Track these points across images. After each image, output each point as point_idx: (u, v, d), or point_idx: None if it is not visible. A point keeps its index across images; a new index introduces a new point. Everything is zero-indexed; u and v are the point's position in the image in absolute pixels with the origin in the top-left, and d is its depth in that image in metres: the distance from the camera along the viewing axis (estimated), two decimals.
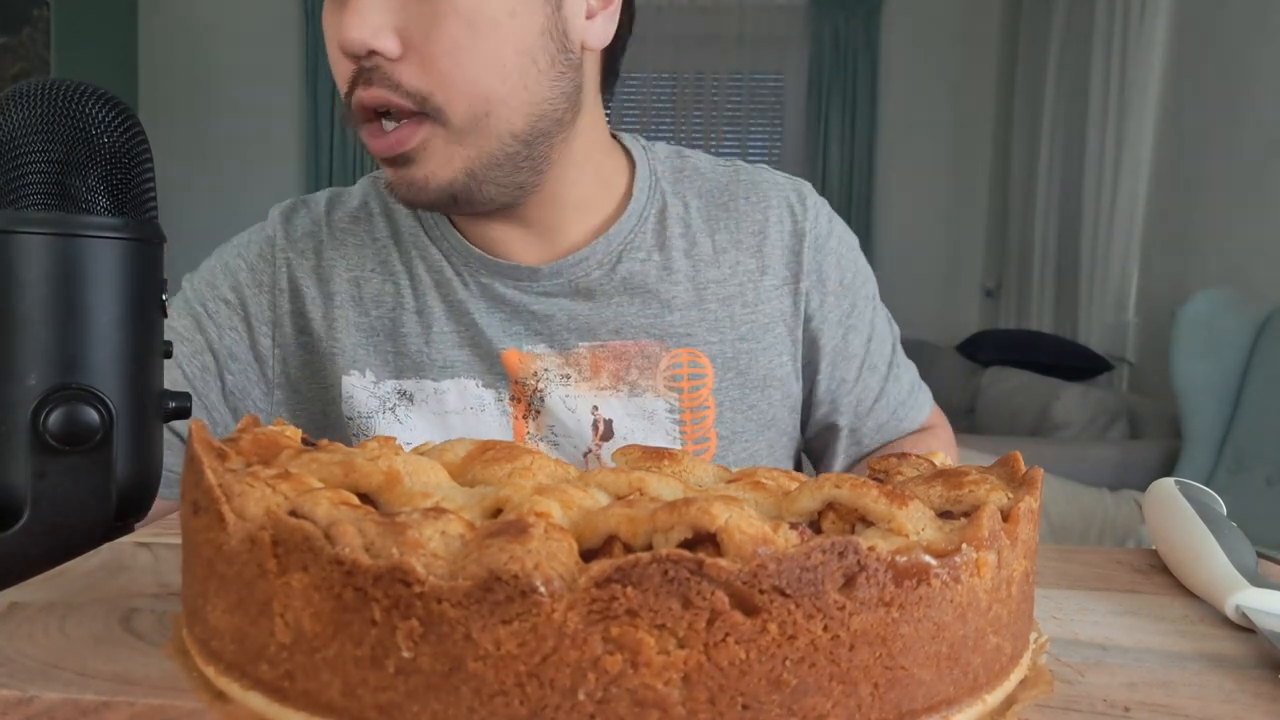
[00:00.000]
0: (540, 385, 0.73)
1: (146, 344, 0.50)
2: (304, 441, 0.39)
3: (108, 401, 0.47)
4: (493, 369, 0.72)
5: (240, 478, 0.31)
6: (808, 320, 0.77)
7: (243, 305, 0.75)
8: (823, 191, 0.87)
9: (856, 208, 4.10)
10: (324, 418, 0.75)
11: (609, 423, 0.73)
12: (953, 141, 4.21)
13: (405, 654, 0.25)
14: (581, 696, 0.25)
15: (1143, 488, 0.77)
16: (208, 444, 0.33)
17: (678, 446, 0.73)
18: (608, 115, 0.76)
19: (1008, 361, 3.19)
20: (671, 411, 0.73)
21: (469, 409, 0.72)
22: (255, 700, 0.28)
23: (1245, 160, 2.61)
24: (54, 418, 0.46)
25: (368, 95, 0.61)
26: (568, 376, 0.73)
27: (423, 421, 0.73)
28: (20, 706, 0.28)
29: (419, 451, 0.40)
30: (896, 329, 0.86)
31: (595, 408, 0.73)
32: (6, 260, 0.46)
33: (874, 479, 0.37)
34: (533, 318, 0.73)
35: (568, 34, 0.66)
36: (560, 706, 0.25)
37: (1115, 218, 3.11)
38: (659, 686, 0.25)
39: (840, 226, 0.81)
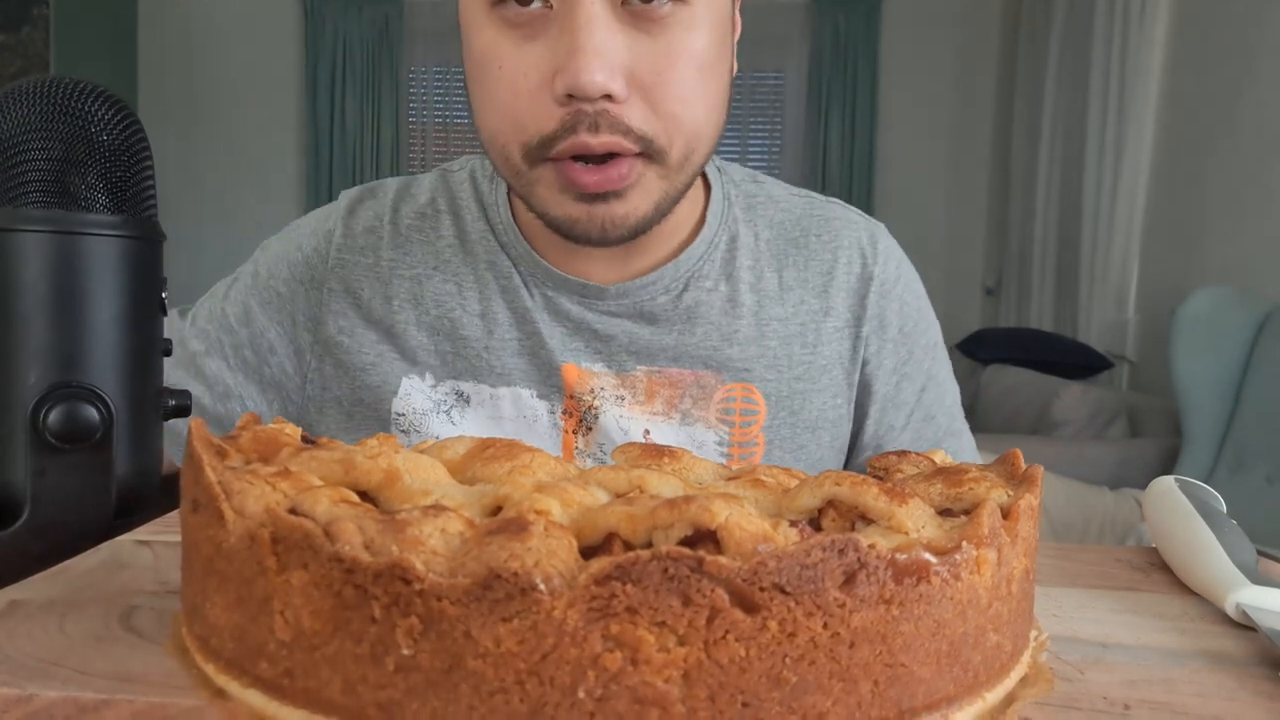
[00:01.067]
0: (595, 403, 0.72)
1: (146, 342, 0.50)
2: (303, 439, 0.39)
3: (107, 400, 0.47)
4: (549, 380, 0.72)
5: (240, 475, 0.31)
6: (864, 364, 0.77)
7: (291, 299, 0.75)
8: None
9: (856, 207, 4.09)
10: (348, 419, 0.75)
11: None
12: (953, 141, 4.21)
13: (405, 651, 0.25)
14: (581, 694, 0.25)
15: (1143, 486, 0.77)
16: (207, 441, 0.33)
17: None
18: None
19: (1008, 360, 3.19)
20: (720, 444, 0.73)
21: (522, 417, 0.72)
22: (255, 698, 0.28)
23: (1245, 160, 2.61)
24: (54, 416, 0.46)
25: (598, 142, 0.59)
26: (622, 398, 0.72)
27: (475, 426, 0.72)
28: (20, 704, 0.28)
29: (419, 449, 0.40)
30: (957, 388, 0.83)
31: (647, 431, 0.72)
32: (6, 259, 0.46)
33: (874, 476, 0.37)
34: (594, 336, 0.72)
35: (732, 66, 0.67)
36: (560, 704, 0.25)
37: (1115, 217, 3.11)
38: (659, 684, 0.25)
39: (909, 273, 0.81)
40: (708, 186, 0.76)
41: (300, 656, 0.27)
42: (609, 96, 0.58)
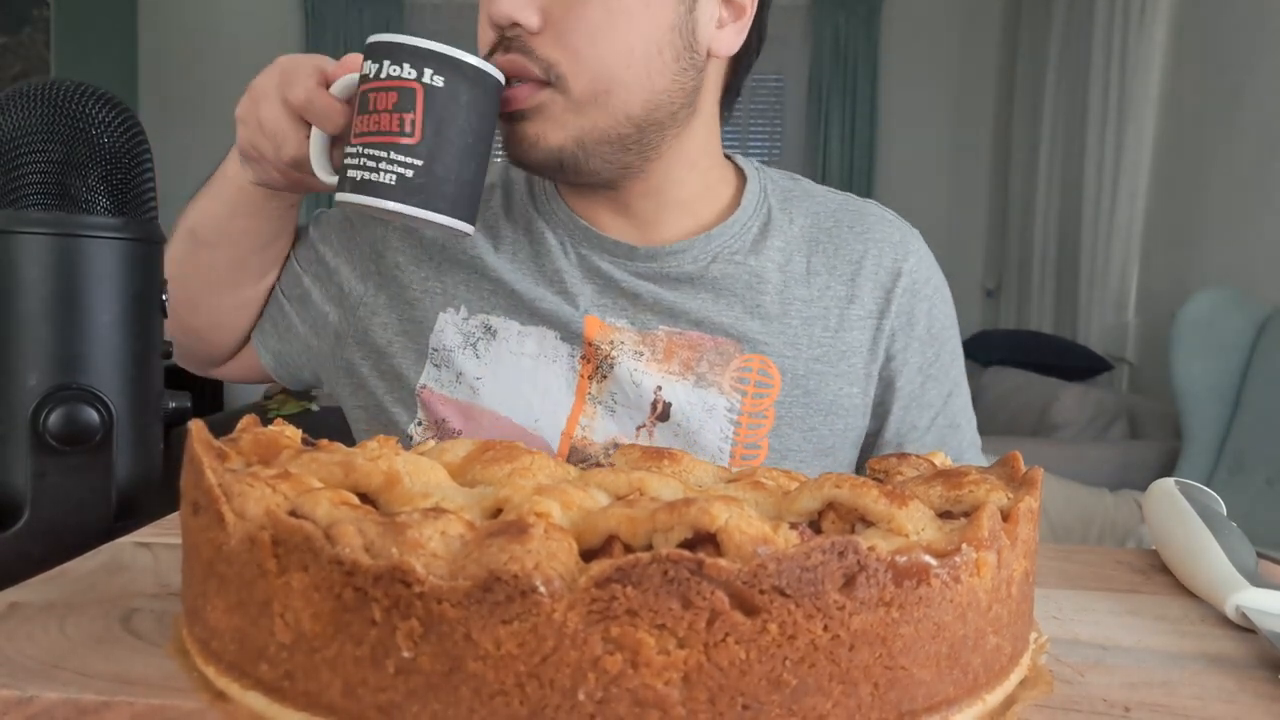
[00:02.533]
0: (613, 354, 0.76)
1: (146, 344, 0.50)
2: (304, 441, 0.39)
3: (108, 401, 0.47)
4: (571, 327, 0.76)
5: (240, 478, 0.31)
6: (887, 360, 0.78)
7: (362, 228, 0.82)
8: None
9: None
10: (386, 350, 0.79)
11: (668, 405, 0.75)
12: (953, 141, 4.21)
13: (405, 654, 0.25)
14: (581, 696, 0.25)
15: (1143, 488, 0.77)
16: (208, 444, 0.33)
17: (728, 446, 0.74)
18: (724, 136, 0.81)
19: (1008, 361, 3.19)
20: (730, 411, 0.75)
21: (543, 356, 0.76)
22: (255, 700, 0.28)
23: (1245, 160, 2.61)
24: (54, 418, 0.46)
25: (503, 60, 0.67)
26: (640, 354, 0.76)
27: (499, 361, 0.77)
28: (20, 706, 0.28)
29: (419, 452, 0.40)
30: (973, 415, 0.86)
31: (659, 388, 0.75)
32: (6, 260, 0.46)
33: (874, 479, 0.37)
34: (621, 294, 0.76)
35: (696, 35, 0.71)
36: (560, 706, 0.25)
37: (1115, 218, 3.11)
38: (659, 686, 0.25)
39: (940, 279, 0.83)
40: (743, 178, 0.81)
41: (300, 659, 0.27)
42: (518, 25, 0.66)
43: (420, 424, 0.77)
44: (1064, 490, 2.21)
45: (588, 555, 0.28)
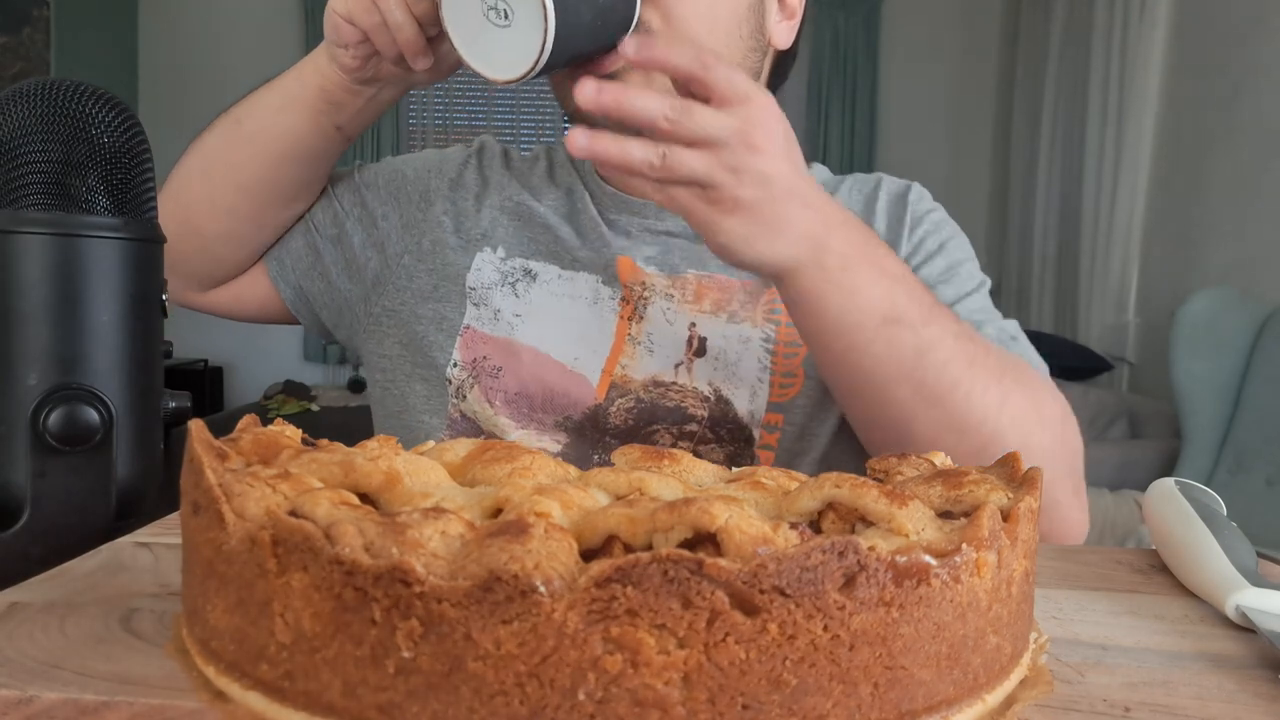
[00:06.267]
0: (645, 295, 0.79)
1: (146, 344, 0.50)
2: (304, 441, 0.39)
3: (108, 401, 0.47)
4: (609, 271, 0.79)
5: (240, 478, 0.31)
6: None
7: (414, 181, 0.85)
8: None
9: None
10: (425, 295, 0.81)
11: (703, 340, 0.78)
12: (953, 142, 4.21)
13: (405, 654, 0.25)
14: (581, 696, 0.25)
15: (1143, 488, 0.77)
16: (208, 444, 0.33)
17: (767, 375, 0.76)
18: None
19: None
20: (766, 341, 0.77)
21: (583, 298, 0.79)
22: (255, 700, 0.28)
23: (1245, 160, 2.61)
24: (54, 418, 0.46)
25: None
26: (671, 296, 0.79)
27: (540, 300, 0.79)
28: (20, 706, 0.28)
29: (419, 451, 0.40)
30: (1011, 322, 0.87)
31: (693, 324, 0.78)
32: (6, 260, 0.46)
33: (874, 479, 0.37)
34: (652, 243, 0.81)
35: (765, 20, 0.76)
36: (560, 706, 0.25)
37: (1115, 218, 3.11)
38: (659, 686, 0.25)
39: (942, 211, 0.87)
40: None
41: (300, 659, 0.27)
42: None
43: (456, 365, 0.78)
44: None
45: (588, 555, 0.28)
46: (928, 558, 0.28)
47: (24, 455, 0.46)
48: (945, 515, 0.33)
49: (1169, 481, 0.52)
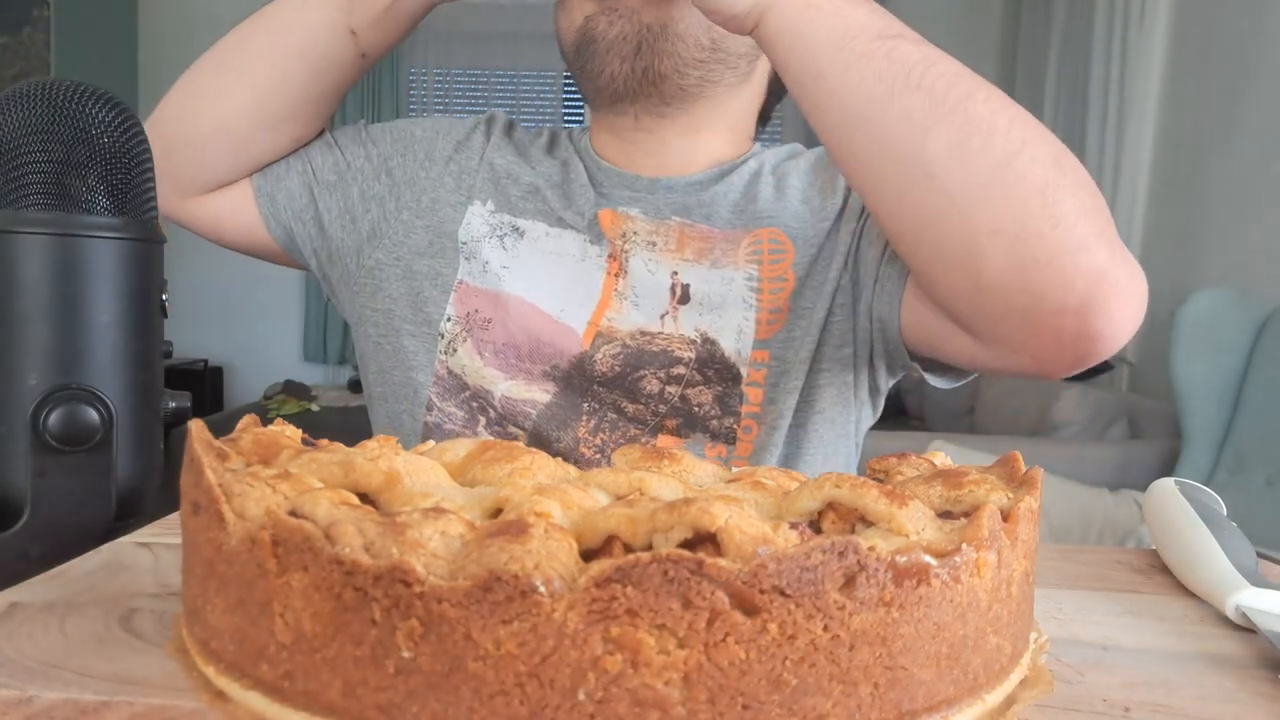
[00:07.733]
0: (626, 247, 0.79)
1: (146, 344, 0.50)
2: (304, 441, 0.39)
3: (108, 401, 0.47)
4: (594, 229, 0.80)
5: (240, 478, 0.31)
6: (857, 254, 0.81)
7: (423, 140, 0.86)
8: None
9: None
10: (420, 253, 0.83)
11: (686, 287, 0.78)
12: None
13: (405, 654, 0.25)
14: (581, 696, 0.25)
15: (1143, 488, 0.77)
16: (208, 444, 0.33)
17: (752, 314, 0.77)
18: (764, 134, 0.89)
19: None
20: (750, 280, 0.78)
21: (570, 255, 0.80)
22: (255, 700, 0.28)
23: (1245, 162, 2.61)
24: (54, 418, 0.46)
25: None
26: (653, 244, 0.79)
27: (527, 254, 0.80)
28: (20, 706, 0.28)
29: (419, 452, 0.40)
30: None
31: (675, 273, 0.78)
32: (6, 260, 0.46)
33: (873, 479, 0.37)
34: (636, 199, 0.81)
35: None
36: (560, 706, 0.25)
37: (1115, 217, 3.10)
38: (659, 686, 0.25)
39: None
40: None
41: (300, 659, 0.27)
42: None
43: (450, 319, 0.80)
44: (1064, 490, 2.21)
45: (588, 555, 0.28)
46: (928, 558, 0.28)
47: (24, 455, 0.46)
48: (945, 515, 0.33)
49: (1169, 481, 0.52)
